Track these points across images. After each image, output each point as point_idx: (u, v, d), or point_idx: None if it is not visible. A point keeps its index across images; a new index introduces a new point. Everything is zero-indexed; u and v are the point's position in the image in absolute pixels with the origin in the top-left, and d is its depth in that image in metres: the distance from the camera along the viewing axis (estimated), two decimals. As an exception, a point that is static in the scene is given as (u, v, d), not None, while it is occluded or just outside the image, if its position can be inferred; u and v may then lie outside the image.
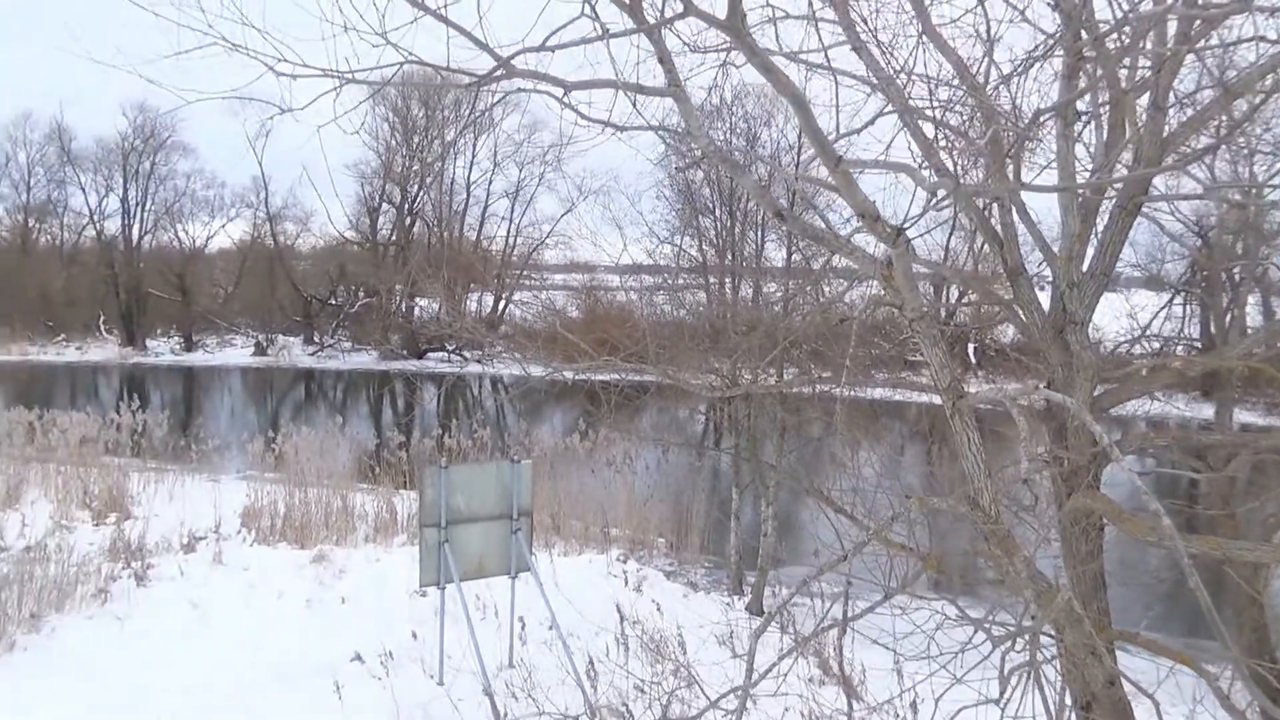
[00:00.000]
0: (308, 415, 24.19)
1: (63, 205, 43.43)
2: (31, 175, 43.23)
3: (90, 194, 41.92)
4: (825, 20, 3.66)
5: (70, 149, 41.80)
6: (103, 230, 41.78)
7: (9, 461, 13.04)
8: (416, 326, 37.25)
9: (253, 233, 42.41)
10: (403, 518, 11.67)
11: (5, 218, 44.20)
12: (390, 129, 39.99)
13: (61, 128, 41.92)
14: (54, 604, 7.71)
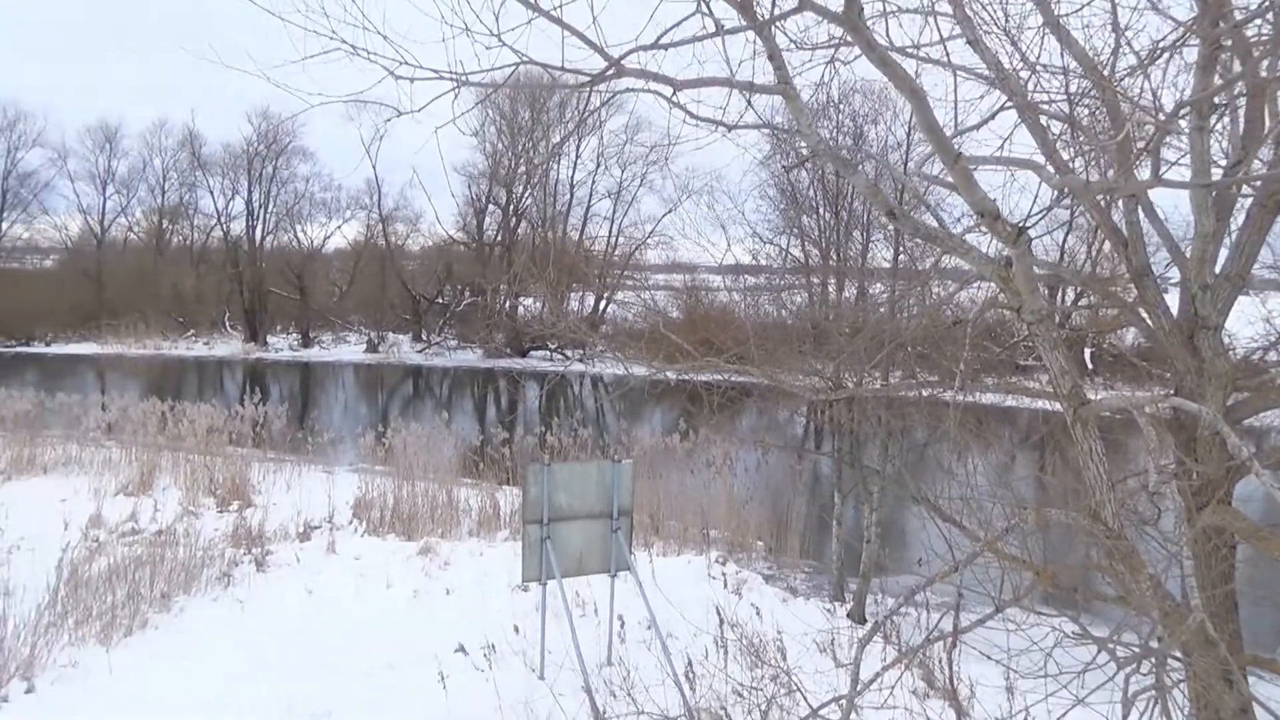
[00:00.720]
0: (415, 411, 24.92)
1: (193, 208, 46.14)
2: (166, 179, 46.08)
3: (218, 197, 44.41)
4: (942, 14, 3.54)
5: (200, 154, 44.37)
6: (229, 231, 44.15)
7: (143, 450, 13.87)
8: (520, 325, 37.94)
9: (366, 233, 44.06)
10: (505, 513, 11.89)
11: (142, 220, 47.18)
12: (497, 131, 40.89)
13: (193, 134, 44.56)
14: (182, 585, 8.15)
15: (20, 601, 7.31)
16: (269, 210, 43.30)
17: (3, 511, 10.49)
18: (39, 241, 48.13)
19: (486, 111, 38.55)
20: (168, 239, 46.89)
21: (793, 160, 15.15)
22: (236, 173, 43.45)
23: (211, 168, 44.25)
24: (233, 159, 43.51)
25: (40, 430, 15.18)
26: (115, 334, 38.66)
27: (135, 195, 46.62)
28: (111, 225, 46.73)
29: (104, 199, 46.35)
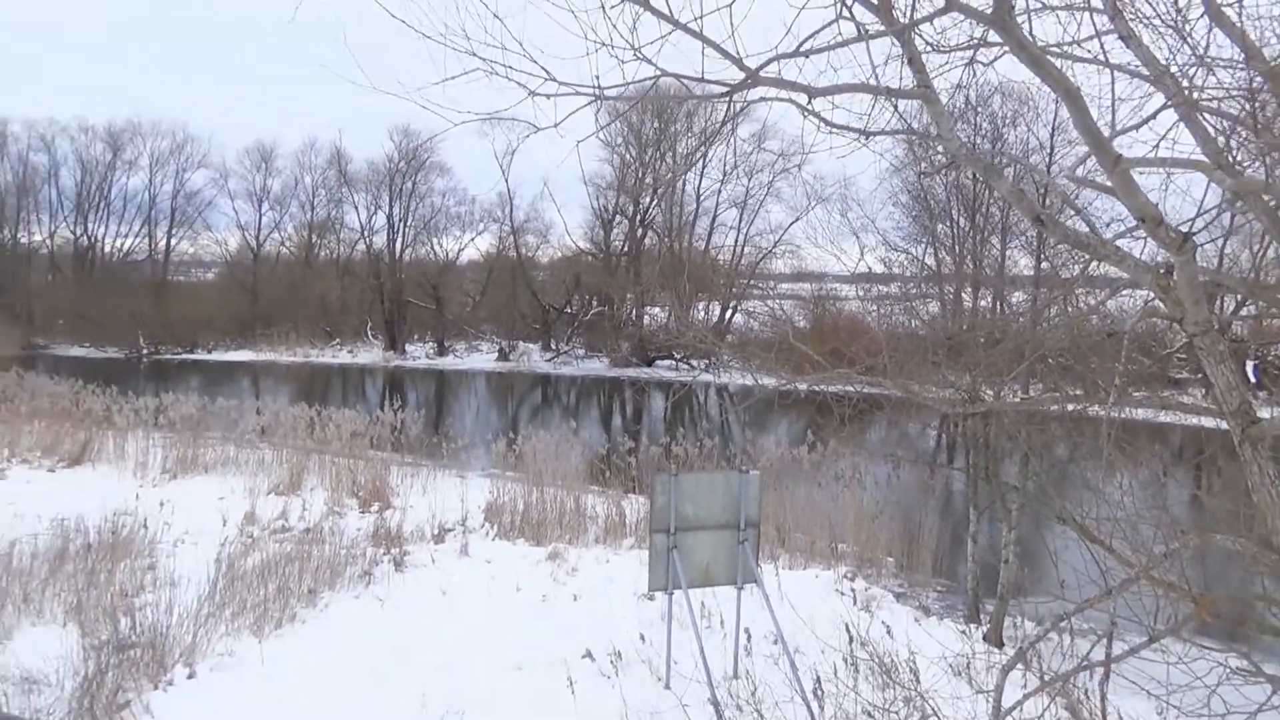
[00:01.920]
0: (544, 418, 25.47)
1: (339, 222, 48.64)
2: (315, 196, 48.82)
3: (362, 212, 46.72)
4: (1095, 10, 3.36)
5: (346, 171, 46.81)
6: (371, 244, 46.33)
7: (293, 452, 14.69)
8: (646, 335, 38.25)
9: (498, 245, 45.42)
10: (631, 521, 11.97)
11: (293, 234, 50.14)
12: (625, 143, 41.44)
13: (340, 153, 47.06)
14: (328, 582, 8.57)
15: (184, 591, 7.86)
16: (408, 224, 45.27)
17: (170, 507, 11.29)
18: (202, 256, 51.99)
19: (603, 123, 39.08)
20: (316, 252, 49.62)
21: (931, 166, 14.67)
22: (379, 188, 45.65)
23: (356, 184, 46.68)
24: (376, 175, 45.77)
25: (203, 432, 16.29)
26: (269, 342, 41.18)
27: (287, 211, 49.73)
28: (266, 240, 49.91)
29: (260, 215, 49.58)
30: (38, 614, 7.44)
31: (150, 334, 41.24)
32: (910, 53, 2.85)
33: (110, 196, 49.48)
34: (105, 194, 49.45)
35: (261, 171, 49.00)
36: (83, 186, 49.25)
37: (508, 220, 43.98)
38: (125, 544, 9.30)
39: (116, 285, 45.09)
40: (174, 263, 50.92)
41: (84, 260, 49.56)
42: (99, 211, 49.67)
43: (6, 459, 14.49)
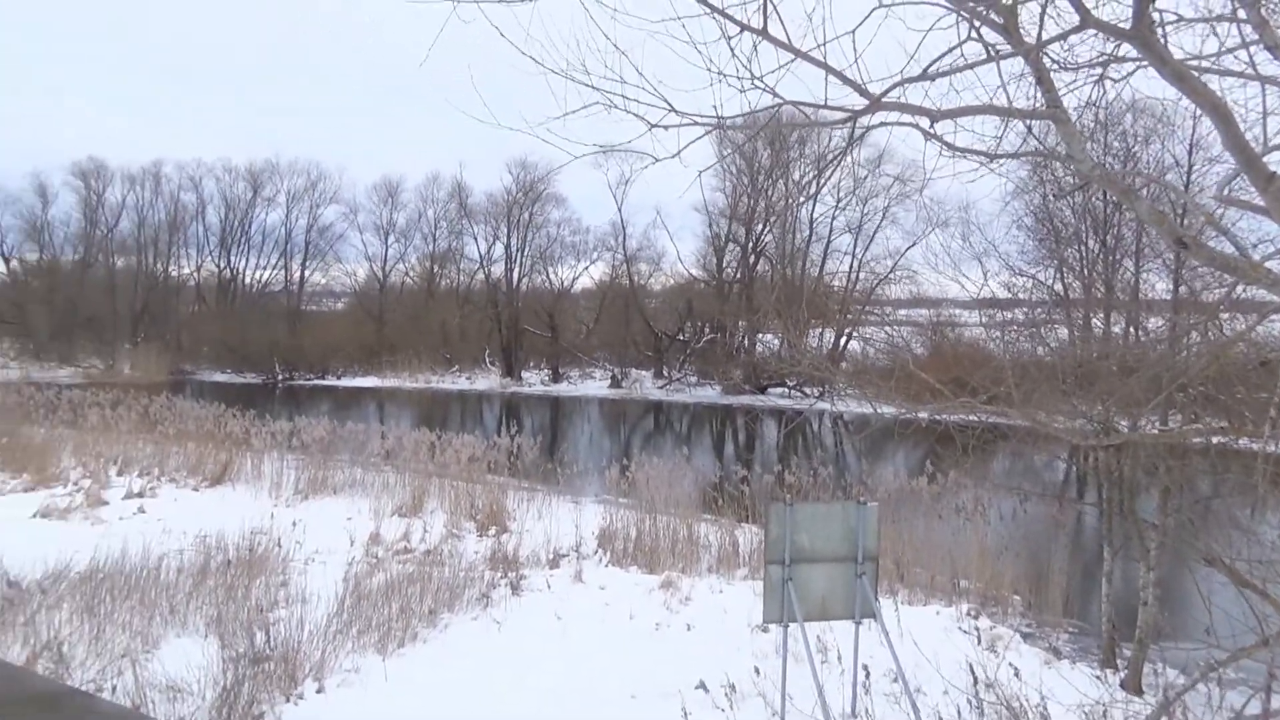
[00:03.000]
0: (656, 445, 25.54)
1: (460, 253, 50.50)
2: (436, 228, 50.86)
3: (481, 242, 48.40)
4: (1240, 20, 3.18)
5: (466, 204, 48.64)
6: (489, 274, 47.80)
7: (415, 475, 15.18)
8: (759, 362, 37.96)
9: (611, 273, 46.18)
10: (744, 551, 11.84)
11: (416, 265, 52.25)
12: (737, 170, 41.50)
13: (460, 186, 48.94)
14: (447, 603, 8.78)
15: (314, 608, 8.19)
16: (525, 254, 46.54)
17: (302, 527, 11.83)
18: (333, 287, 54.82)
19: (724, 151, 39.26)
20: (437, 282, 51.56)
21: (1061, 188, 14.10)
22: (497, 220, 47.18)
23: (476, 216, 48.44)
24: (494, 207, 47.39)
25: (332, 455, 17.03)
26: (393, 369, 42.87)
27: (411, 243, 51.99)
28: (391, 271, 52.19)
29: (386, 247, 51.94)
30: (182, 625, 7.89)
31: (285, 361, 43.53)
32: (1039, 72, 2.76)
33: (251, 232, 52.90)
34: (246, 229, 52.89)
35: (388, 206, 51.44)
36: (226, 223, 52.80)
37: (621, 249, 44.70)
38: (261, 561, 9.78)
39: (255, 315, 47.88)
40: (307, 293, 53.78)
41: (226, 291, 52.88)
42: (240, 246, 53.15)
43: (156, 478, 15.47)
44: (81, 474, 15.32)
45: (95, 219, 52.22)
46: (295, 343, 44.30)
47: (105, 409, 20.65)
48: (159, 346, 45.59)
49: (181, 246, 52.99)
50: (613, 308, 45.13)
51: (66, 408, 21.50)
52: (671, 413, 35.72)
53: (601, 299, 46.34)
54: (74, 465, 16.00)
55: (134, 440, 17.91)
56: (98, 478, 14.92)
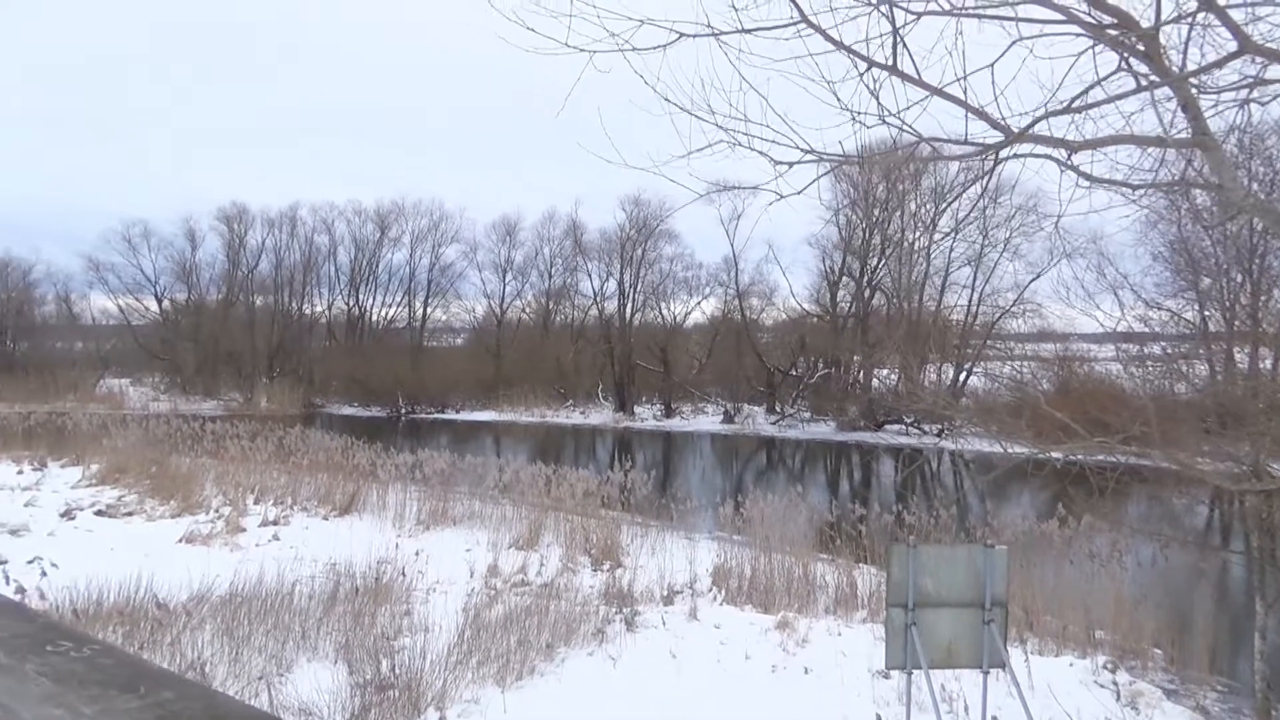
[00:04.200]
0: (769, 482, 25.21)
1: (574, 289, 51.62)
2: (552, 265, 52.13)
3: (594, 278, 49.32)
4: None
5: (581, 241, 49.68)
6: (603, 310, 48.55)
7: (531, 509, 15.44)
8: (874, 398, 37.14)
9: (723, 308, 46.21)
10: (863, 593, 11.51)
11: (532, 302, 53.62)
12: (851, 204, 41.01)
13: (575, 224, 50.13)
14: (564, 637, 8.85)
15: (436, 638, 8.39)
16: (638, 289, 47.11)
17: (424, 557, 12.18)
18: (453, 323, 56.81)
19: (839, 185, 38.91)
20: (553, 318, 52.77)
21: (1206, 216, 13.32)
22: (611, 256, 47.98)
23: (590, 253, 49.43)
24: (608, 244, 48.25)
25: (452, 487, 17.50)
26: (510, 403, 43.88)
27: (528, 280, 53.41)
28: (509, 307, 53.70)
29: (504, 284, 53.54)
30: (313, 650, 8.20)
31: (408, 395, 45.14)
32: (1185, 99, 2.63)
33: (378, 271, 55.42)
34: (374, 269, 55.42)
35: (506, 244, 53.05)
36: (355, 262, 55.47)
37: (733, 284, 44.66)
38: (386, 589, 10.10)
39: (381, 350, 49.93)
40: (429, 329, 55.83)
41: (355, 328, 55.39)
42: (368, 284, 55.70)
43: (289, 506, 16.22)
44: (222, 502, 16.21)
45: (237, 260, 55.70)
46: (417, 377, 45.91)
47: (244, 440, 21.83)
48: (293, 380, 48.11)
49: (314, 286, 56.00)
50: (725, 343, 45.07)
51: (210, 439, 22.85)
52: (785, 449, 35.24)
53: (714, 334, 46.37)
54: (216, 493, 16.95)
55: (269, 470, 18.86)
56: (237, 506, 15.75)
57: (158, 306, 56.13)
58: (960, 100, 2.64)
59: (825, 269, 42.85)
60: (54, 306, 57.20)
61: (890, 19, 2.70)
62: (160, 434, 24.72)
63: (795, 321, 43.84)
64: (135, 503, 16.14)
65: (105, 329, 57.15)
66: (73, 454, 21.50)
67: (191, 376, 50.24)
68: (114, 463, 19.51)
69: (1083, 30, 2.64)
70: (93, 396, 45.76)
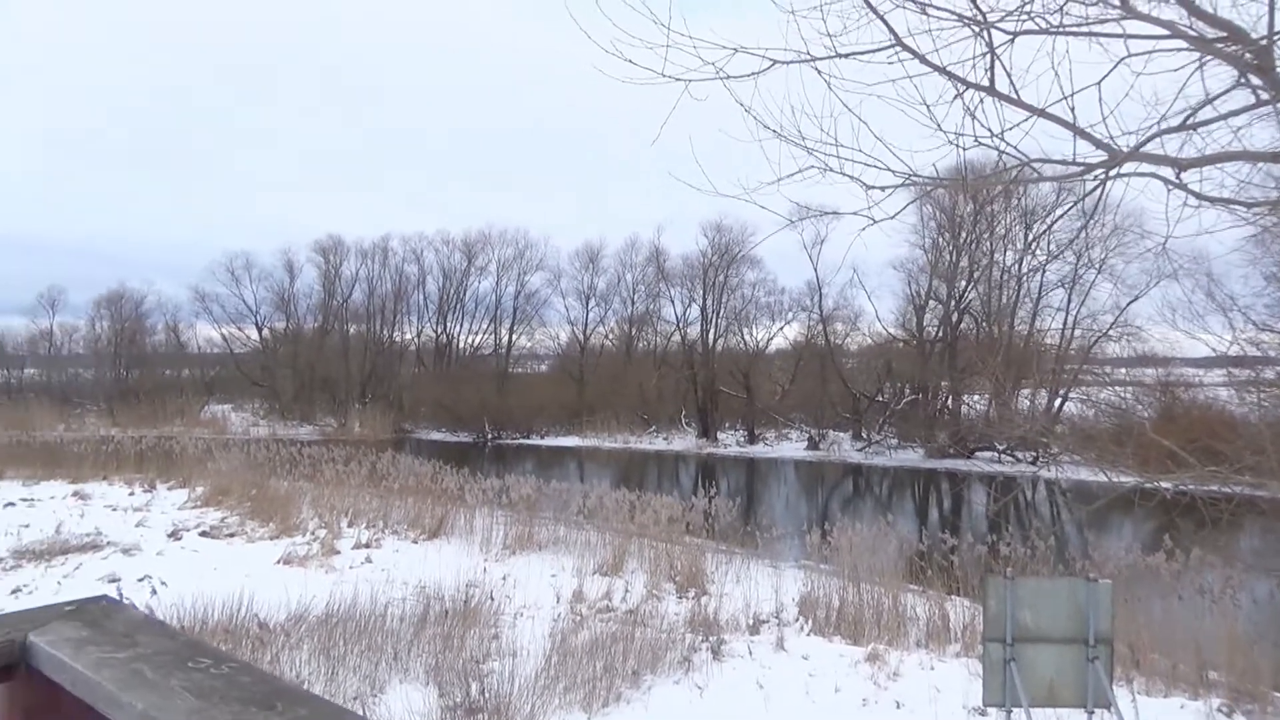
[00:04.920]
0: (855, 509, 24.72)
1: (656, 315, 51.82)
2: (634, 292, 52.52)
3: (677, 304, 49.49)
4: None
5: (664, 267, 49.96)
6: (685, 336, 48.60)
7: (615, 535, 15.46)
8: (964, 424, 36.15)
9: (806, 334, 45.72)
10: (955, 625, 11.16)
11: (615, 328, 54.02)
12: (938, 226, 40.27)
13: (658, 251, 50.47)
14: (649, 665, 8.81)
15: (523, 663, 8.46)
16: (720, 315, 47.05)
17: (511, 581, 12.31)
18: (537, 350, 57.67)
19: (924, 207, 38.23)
20: (635, 344, 53.06)
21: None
22: (693, 282, 48.07)
23: (672, 279, 49.63)
24: (690, 270, 48.38)
25: (537, 512, 17.67)
26: (593, 429, 44.18)
27: (610, 307, 53.90)
28: (591, 334, 54.20)
29: (587, 311, 54.12)
30: (405, 671, 8.35)
31: (493, 420, 45.87)
32: (1303, 113, 2.52)
33: (465, 299, 56.68)
34: (461, 297, 56.71)
35: (589, 271, 53.69)
36: (443, 291, 56.86)
37: (816, 308, 44.22)
38: (474, 613, 10.23)
39: (467, 377, 50.91)
40: (514, 356, 56.74)
41: (443, 355, 56.67)
42: (455, 312, 57.00)
43: (381, 530, 16.62)
44: (318, 524, 16.71)
45: (332, 290, 57.69)
46: (503, 403, 46.64)
47: (338, 464, 22.49)
48: (384, 406, 49.45)
49: (404, 314, 57.61)
50: (809, 368, 44.56)
51: (306, 463, 23.60)
52: (871, 476, 34.54)
53: (797, 359, 45.91)
54: (311, 516, 17.48)
55: (362, 494, 19.36)
56: (331, 528, 16.21)
57: (258, 335, 58.54)
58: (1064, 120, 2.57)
59: (911, 293, 42.12)
60: (163, 335, 60.20)
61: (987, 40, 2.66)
62: (260, 458, 25.67)
63: (881, 346, 43.10)
64: (237, 524, 16.77)
65: (210, 356, 59.92)
66: (179, 477, 22.51)
67: (289, 402, 52.11)
68: (217, 485, 20.34)
69: (1190, 45, 2.55)
70: (198, 421, 47.90)
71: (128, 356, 57.44)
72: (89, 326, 59.06)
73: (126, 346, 57.61)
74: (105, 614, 1.44)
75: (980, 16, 2.65)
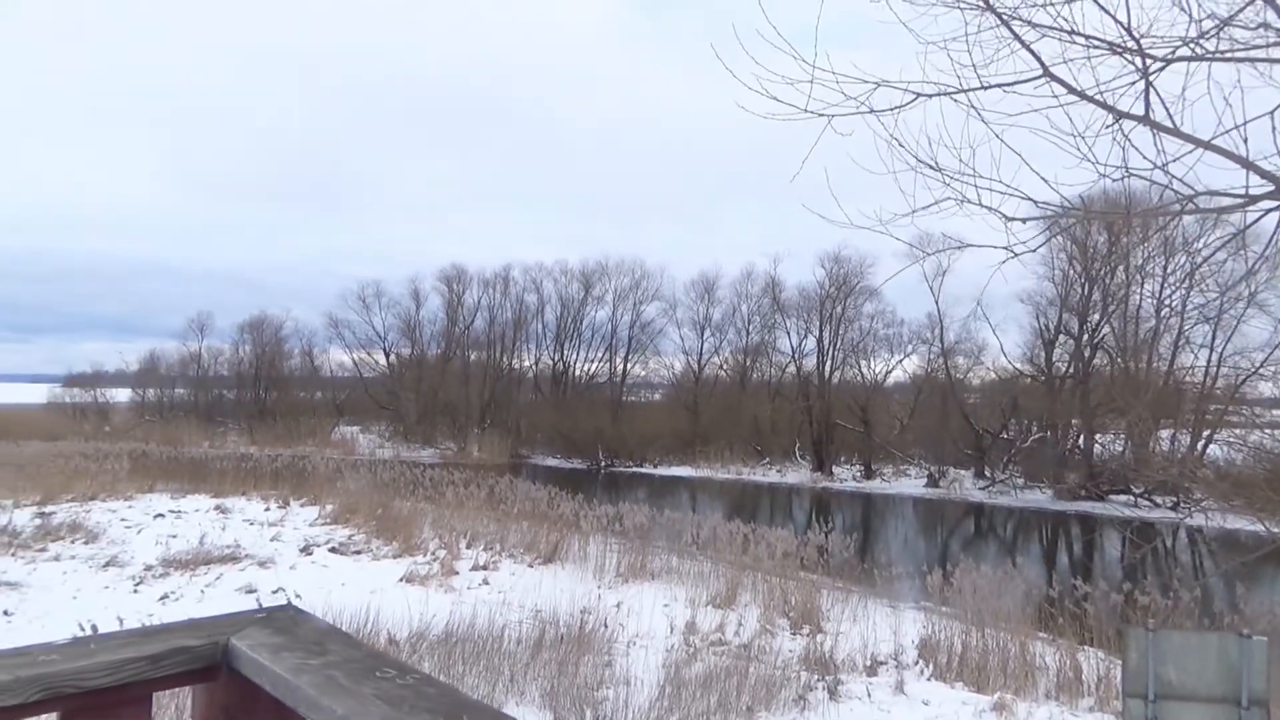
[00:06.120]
0: (977, 551, 23.74)
1: (772, 346, 51.47)
2: (750, 322, 52.33)
3: (793, 335, 49.01)
4: None
5: (780, 298, 49.61)
6: (801, 368, 48.01)
7: (728, 567, 15.34)
8: (1096, 465, 34.33)
9: (926, 367, 44.43)
10: (1088, 678, 10.56)
11: (729, 359, 53.87)
12: (1067, 257, 38.66)
13: (774, 281, 50.14)
14: (763, 701, 8.68)
15: (637, 691, 8.47)
16: (837, 347, 46.28)
17: (624, 609, 12.36)
18: (651, 379, 58.06)
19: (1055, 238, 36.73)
20: (749, 375, 52.73)
21: None
22: (809, 313, 47.55)
23: (788, 310, 49.22)
24: (806, 301, 47.85)
25: (650, 541, 17.71)
26: (706, 459, 44.02)
27: (725, 337, 53.84)
28: (706, 364, 54.17)
29: (701, 341, 54.20)
30: (520, 694, 8.49)
31: (607, 448, 46.32)
32: None
33: (581, 327, 57.78)
34: (578, 326, 57.80)
35: (704, 301, 53.82)
36: (561, 320, 58.08)
37: (937, 341, 42.99)
38: (588, 639, 10.32)
39: (582, 405, 51.68)
40: (628, 385, 57.29)
41: (559, 383, 57.74)
42: (572, 340, 58.11)
43: (498, 553, 16.98)
44: (438, 545, 17.20)
45: (455, 318, 59.75)
46: (617, 431, 47.06)
47: (459, 487, 23.13)
48: (501, 432, 50.66)
49: (523, 342, 59.13)
50: (929, 403, 43.27)
51: (427, 484, 24.38)
52: (994, 516, 33.15)
53: (916, 393, 44.65)
54: (432, 536, 18.02)
55: (480, 517, 19.84)
56: (451, 549, 16.66)
57: (385, 360, 61.04)
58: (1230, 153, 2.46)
59: (1039, 326, 40.44)
60: (299, 360, 63.54)
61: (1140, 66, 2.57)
62: (385, 478, 26.66)
63: (1006, 382, 41.48)
64: (363, 542, 17.45)
65: (341, 380, 62.90)
66: (311, 494, 23.61)
67: (413, 425, 54.02)
68: (346, 504, 21.22)
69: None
70: (329, 442, 50.21)
71: (267, 379, 60.89)
72: (233, 350, 63.11)
73: (266, 369, 61.11)
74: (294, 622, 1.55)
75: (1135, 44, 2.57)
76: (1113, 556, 24.22)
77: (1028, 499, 35.17)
